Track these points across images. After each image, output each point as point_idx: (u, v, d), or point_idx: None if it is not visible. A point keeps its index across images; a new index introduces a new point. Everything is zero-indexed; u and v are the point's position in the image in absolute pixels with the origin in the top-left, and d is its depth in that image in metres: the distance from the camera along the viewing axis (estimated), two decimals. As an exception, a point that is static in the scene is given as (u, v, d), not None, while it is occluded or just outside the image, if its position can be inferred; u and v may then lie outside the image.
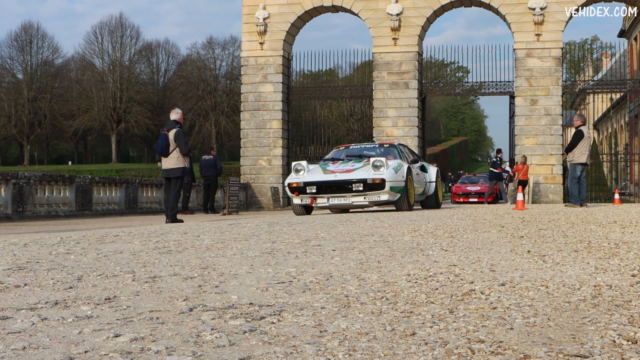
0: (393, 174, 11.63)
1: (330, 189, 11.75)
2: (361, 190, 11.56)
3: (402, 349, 1.90)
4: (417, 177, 12.89)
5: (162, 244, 4.61)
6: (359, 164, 12.17)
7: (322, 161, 13.20)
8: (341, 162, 12.66)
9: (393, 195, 11.69)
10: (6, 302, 2.45)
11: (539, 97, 23.80)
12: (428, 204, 14.19)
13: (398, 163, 12.11)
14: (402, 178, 11.77)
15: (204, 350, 1.84)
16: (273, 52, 25.62)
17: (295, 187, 11.99)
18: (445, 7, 24.95)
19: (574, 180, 13.26)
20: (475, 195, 27.90)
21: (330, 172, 11.97)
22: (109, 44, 64.64)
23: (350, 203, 11.79)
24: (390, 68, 24.81)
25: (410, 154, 14.16)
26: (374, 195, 11.62)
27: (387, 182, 11.45)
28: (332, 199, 11.82)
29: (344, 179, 11.68)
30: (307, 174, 12.04)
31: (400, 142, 14.10)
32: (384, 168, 11.59)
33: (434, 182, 14.20)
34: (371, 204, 11.97)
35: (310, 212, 12.38)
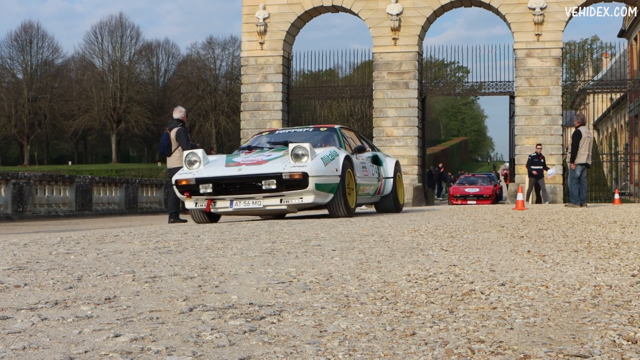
0: (320, 166, 8.36)
1: (234, 187, 8.50)
2: (275, 190, 8.30)
3: (402, 349, 1.90)
4: (363, 171, 9.74)
5: (162, 244, 4.61)
6: (278, 153, 8.92)
7: (237, 150, 10.09)
8: (258, 151, 9.42)
9: (322, 195, 8.51)
10: (6, 302, 2.45)
11: (539, 97, 23.80)
12: (384, 206, 10.96)
13: (331, 151, 8.74)
14: (334, 172, 8.53)
15: (204, 350, 1.84)
16: (273, 52, 25.62)
17: (185, 186, 8.63)
18: (445, 7, 24.95)
19: (573, 180, 13.25)
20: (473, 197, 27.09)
21: (235, 165, 8.66)
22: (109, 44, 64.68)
23: (261, 207, 8.46)
24: (390, 68, 24.81)
25: (359, 140, 10.85)
26: (294, 197, 8.39)
27: (311, 177, 8.19)
28: (237, 202, 8.49)
29: (250, 173, 8.36)
30: (204, 167, 8.77)
31: (344, 126, 10.65)
32: (308, 158, 8.29)
33: (391, 178, 10.88)
34: (292, 209, 8.75)
35: (217, 219, 9.17)
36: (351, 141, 10.28)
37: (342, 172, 8.67)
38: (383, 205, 10.99)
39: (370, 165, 10.24)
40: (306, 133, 10.17)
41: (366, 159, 10.24)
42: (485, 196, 27.27)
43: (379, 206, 11.09)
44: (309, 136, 9.99)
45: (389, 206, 10.96)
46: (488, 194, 27.50)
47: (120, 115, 62.45)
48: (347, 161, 8.92)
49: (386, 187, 10.86)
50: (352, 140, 10.40)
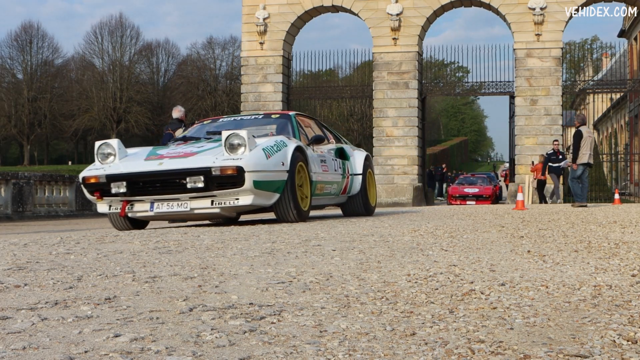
0: (261, 158, 6.81)
1: (153, 186, 6.93)
2: (203, 189, 6.75)
3: (402, 349, 1.90)
4: (321, 166, 8.14)
5: (162, 244, 4.61)
6: (214, 144, 7.32)
7: (172, 141, 8.61)
8: (193, 142, 7.87)
9: (264, 196, 6.96)
10: (6, 302, 2.45)
11: (539, 97, 23.81)
12: (352, 208, 9.37)
13: (277, 141, 7.17)
14: (280, 166, 6.99)
15: (204, 350, 1.84)
16: (273, 52, 25.63)
17: (94, 185, 7.05)
18: (445, 7, 24.96)
19: (574, 180, 13.22)
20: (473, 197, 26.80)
21: (156, 158, 7.06)
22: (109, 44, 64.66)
23: (188, 210, 6.90)
24: (390, 68, 24.82)
25: (320, 129, 9.22)
26: (228, 198, 6.83)
27: (247, 172, 6.65)
28: (159, 204, 6.96)
29: (173, 168, 6.82)
30: (120, 161, 7.17)
31: (301, 113, 9.21)
32: (245, 149, 6.76)
33: (360, 175, 9.27)
34: (228, 212, 7.11)
35: (143, 225, 7.64)
36: (309, 131, 8.69)
37: (291, 166, 7.11)
38: (350, 207, 9.42)
39: (332, 159, 8.64)
40: (254, 121, 8.67)
41: (327, 151, 8.66)
42: (485, 196, 27.09)
43: (345, 208, 9.50)
44: (258, 124, 8.54)
45: (358, 208, 9.36)
46: (487, 194, 27.32)
47: (120, 115, 62.47)
48: (298, 153, 7.33)
49: (354, 185, 9.24)
50: (311, 129, 8.81)
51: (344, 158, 9.15)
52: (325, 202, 8.76)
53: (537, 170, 21.57)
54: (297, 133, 8.18)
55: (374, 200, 9.80)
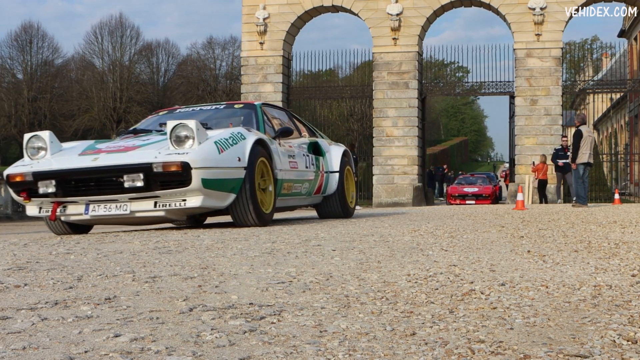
0: (212, 153, 6.00)
1: (87, 185, 6.04)
2: (143, 188, 5.87)
3: (402, 349, 1.90)
4: (289, 162, 7.31)
5: (162, 243, 4.61)
6: (161, 137, 6.51)
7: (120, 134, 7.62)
8: (143, 135, 6.97)
9: (217, 196, 6.11)
10: (6, 302, 2.45)
11: (539, 97, 23.81)
12: (328, 209, 8.58)
13: (233, 134, 6.31)
14: (236, 162, 6.16)
15: (204, 350, 1.84)
16: (273, 52, 25.64)
17: (20, 184, 6.20)
18: (445, 7, 24.96)
19: (579, 180, 13.17)
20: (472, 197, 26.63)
21: (92, 153, 6.20)
22: (109, 44, 64.65)
23: (128, 214, 6.03)
24: (390, 68, 24.82)
25: (291, 121, 8.34)
26: (173, 199, 5.98)
27: (195, 169, 5.81)
28: (95, 207, 6.07)
29: (108, 164, 5.95)
30: (52, 156, 6.32)
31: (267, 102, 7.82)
32: (193, 141, 5.96)
33: (337, 172, 8.45)
34: (174, 216, 6.23)
35: (87, 229, 6.85)
36: (278, 123, 7.82)
37: (249, 162, 6.27)
38: (326, 208, 8.59)
39: (304, 155, 7.78)
40: (215, 111, 7.72)
41: (298, 146, 7.76)
42: (485, 196, 27.01)
43: (321, 209, 8.67)
44: (219, 116, 7.58)
45: (334, 209, 8.54)
46: (487, 193, 27.24)
47: (121, 115, 62.46)
48: (259, 148, 6.51)
49: (329, 184, 8.41)
50: (280, 121, 7.93)
51: (318, 154, 8.30)
52: (294, 203, 7.90)
53: (538, 170, 21.55)
54: (261, 125, 7.25)
55: (354, 200, 9.01)
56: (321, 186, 8.26)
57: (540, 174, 21.39)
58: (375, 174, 25.09)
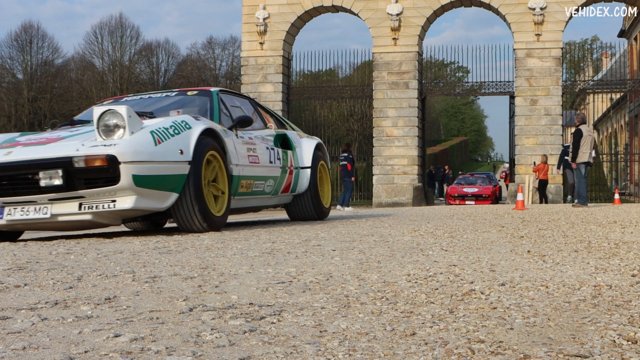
0: (146, 145, 5.14)
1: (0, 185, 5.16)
2: (63, 187, 5.01)
3: (402, 349, 1.90)
4: (248, 156, 6.46)
5: (162, 244, 4.61)
6: (90, 127, 5.59)
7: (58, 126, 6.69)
8: (79, 126, 6.15)
9: (154, 196, 5.26)
10: (6, 302, 2.45)
11: (539, 97, 23.81)
12: (299, 210, 7.79)
13: (175, 122, 5.48)
14: (178, 156, 5.34)
15: (204, 350, 1.84)
16: (273, 52, 25.64)
17: None
18: (445, 7, 24.97)
19: (582, 180, 13.15)
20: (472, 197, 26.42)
21: (9, 146, 5.38)
22: (109, 44, 64.67)
23: (49, 217, 5.15)
24: (390, 68, 24.82)
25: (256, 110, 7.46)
26: (101, 199, 5.12)
27: (124, 164, 4.96)
28: (11, 209, 5.22)
29: (21, 159, 5.10)
30: None
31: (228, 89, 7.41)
32: (124, 131, 5.09)
33: (308, 168, 7.67)
34: (106, 220, 5.35)
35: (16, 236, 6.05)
36: (239, 112, 6.91)
37: (195, 155, 5.44)
38: (297, 209, 7.79)
39: (268, 148, 6.96)
40: (165, 99, 6.89)
41: (261, 138, 6.92)
42: (484, 196, 26.87)
43: (291, 210, 7.86)
44: (169, 104, 6.75)
45: (306, 210, 7.75)
46: (487, 194, 27.11)
47: (120, 115, 62.47)
48: (208, 139, 5.67)
49: (300, 182, 7.59)
50: (242, 110, 7.02)
51: (287, 147, 7.47)
52: (257, 203, 7.00)
53: (539, 170, 21.56)
54: (216, 114, 6.41)
55: (328, 200, 8.15)
56: (290, 184, 7.41)
57: (541, 174, 21.38)
58: (375, 174, 25.09)
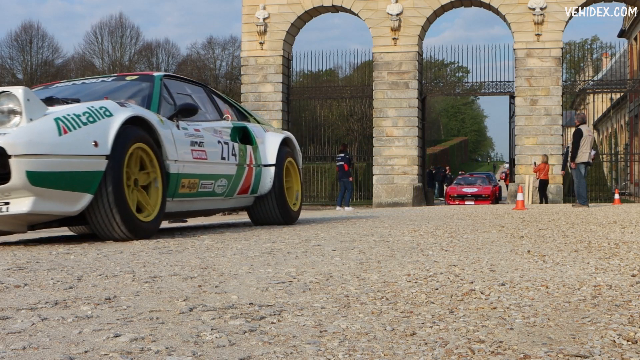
0: (46, 135, 4.34)
1: None
2: None
3: (402, 349, 1.90)
4: (192, 151, 5.63)
5: (162, 243, 4.61)
6: None
7: None
8: None
9: (59, 198, 4.44)
10: (6, 302, 2.45)
11: (539, 97, 23.81)
12: (262, 213, 6.82)
13: (91, 108, 4.69)
14: (89, 149, 4.53)
15: (204, 350, 1.84)
16: (273, 52, 25.64)
17: None
18: (445, 7, 24.97)
19: (581, 180, 13.15)
20: (472, 197, 26.16)
21: None
22: (109, 44, 64.73)
23: None
24: (390, 68, 24.82)
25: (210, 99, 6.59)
26: None
27: (15, 158, 4.17)
28: None
29: None
30: None
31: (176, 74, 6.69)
32: (21, 118, 4.30)
33: (272, 166, 6.75)
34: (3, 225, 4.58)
35: None
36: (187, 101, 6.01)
37: (115, 149, 4.64)
38: (260, 212, 6.82)
39: (221, 142, 6.07)
40: (100, 85, 6.01)
41: (213, 131, 6.03)
42: (484, 196, 26.66)
43: (253, 213, 6.89)
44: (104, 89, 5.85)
45: (270, 213, 6.78)
46: (487, 194, 26.92)
47: (120, 115, 62.47)
48: (135, 129, 4.87)
49: (262, 181, 6.69)
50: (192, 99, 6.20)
51: (248, 142, 6.63)
52: (204, 206, 6.08)
53: (540, 170, 21.56)
54: (155, 102, 5.55)
55: (298, 202, 7.23)
56: (250, 184, 6.51)
57: (541, 174, 21.38)
58: (375, 174, 25.09)
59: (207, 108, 6.42)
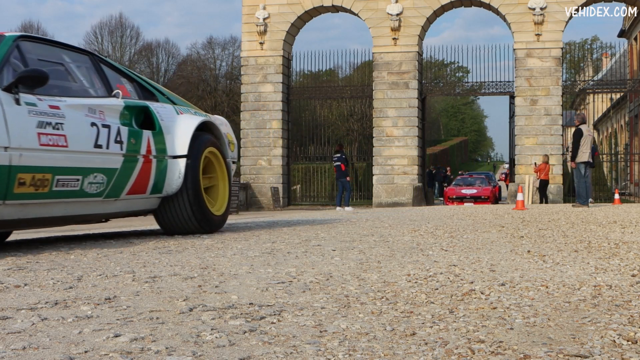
0: None
1: None
2: None
3: (402, 349, 1.90)
4: (40, 133, 4.09)
5: (162, 243, 4.61)
6: None
7: None
8: None
9: None
10: (6, 302, 2.45)
11: (539, 97, 23.81)
12: (173, 218, 5.43)
13: None
14: None
15: (204, 350, 1.84)
16: (273, 52, 25.64)
17: None
18: (445, 7, 24.97)
19: (581, 180, 13.15)
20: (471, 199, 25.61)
21: None
22: (109, 44, 64.69)
23: None
24: (390, 68, 24.83)
25: (96, 71, 5.14)
26: None
27: None
28: None
29: None
30: None
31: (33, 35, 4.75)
32: None
33: (183, 158, 5.35)
34: None
35: None
36: (60, 73, 4.83)
37: None
38: (169, 218, 5.40)
39: (96, 124, 4.61)
40: None
41: (86, 109, 4.60)
42: (484, 197, 26.12)
43: (161, 218, 5.47)
44: None
45: (183, 219, 5.37)
46: (486, 195, 26.42)
47: (120, 115, 62.44)
48: None
49: (168, 177, 5.24)
50: (65, 70, 4.91)
51: (149, 127, 5.19)
52: (64, 211, 4.52)
53: (540, 170, 21.55)
54: None
55: (223, 204, 5.79)
56: (147, 180, 5.06)
57: (542, 174, 21.37)
58: (375, 174, 25.09)
59: (90, 81, 5.03)
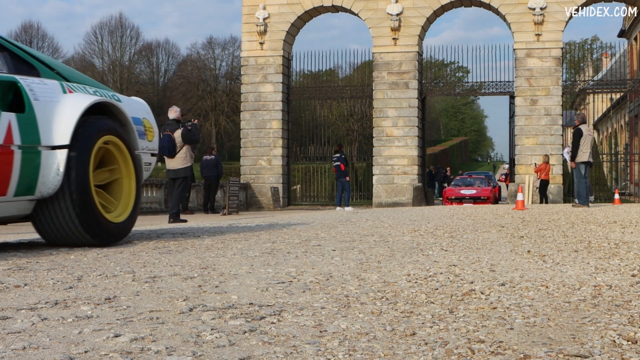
0: None
1: None
2: None
3: (402, 349, 1.90)
4: None
5: (162, 243, 4.61)
6: None
7: None
8: None
9: None
10: (6, 302, 2.45)
11: (539, 97, 23.82)
12: (54, 227, 4.23)
13: None
14: None
15: (204, 350, 1.83)
16: (273, 52, 25.65)
17: None
18: (445, 7, 24.97)
19: (581, 180, 13.14)
20: (470, 199, 25.17)
21: None
22: (108, 44, 64.69)
23: None
24: (390, 68, 24.83)
25: None
26: None
27: None
28: None
29: None
30: None
31: None
32: None
33: (64, 149, 4.08)
34: None
35: None
36: None
37: None
38: (49, 225, 4.30)
39: None
40: None
41: None
42: (483, 198, 25.69)
43: (41, 226, 4.36)
44: None
45: (65, 226, 4.26)
46: (486, 195, 25.92)
47: (120, 115, 62.37)
48: None
49: (42, 174, 4.11)
50: None
51: (18, 109, 4.00)
52: None
53: (541, 170, 21.54)
54: None
55: (128, 208, 4.71)
56: (5, 178, 3.93)
57: (542, 174, 21.37)
58: (375, 174, 25.09)
59: None
